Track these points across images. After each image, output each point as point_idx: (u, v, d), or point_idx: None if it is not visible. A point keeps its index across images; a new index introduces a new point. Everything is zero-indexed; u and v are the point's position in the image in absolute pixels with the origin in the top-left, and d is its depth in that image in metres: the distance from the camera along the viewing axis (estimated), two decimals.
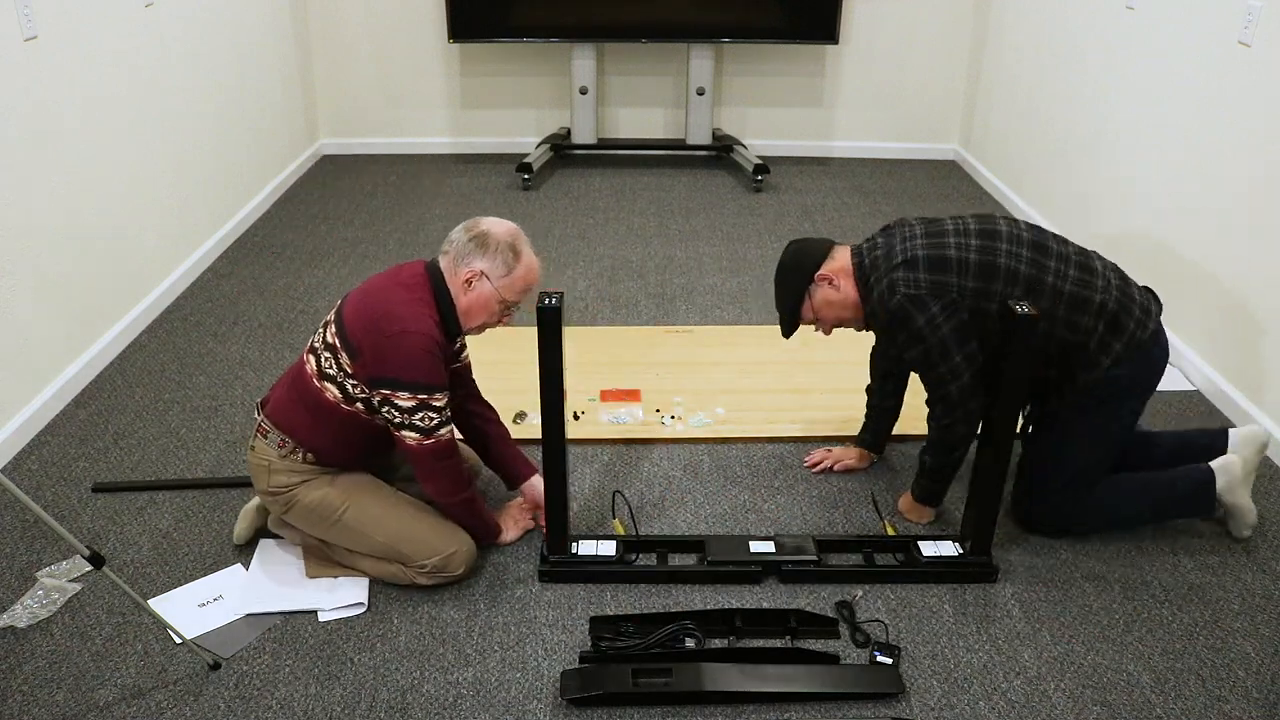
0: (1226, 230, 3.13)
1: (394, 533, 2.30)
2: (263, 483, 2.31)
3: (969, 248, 2.31)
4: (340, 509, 2.29)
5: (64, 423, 3.00)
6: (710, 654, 2.15)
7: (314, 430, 2.27)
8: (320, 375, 2.24)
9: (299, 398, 2.28)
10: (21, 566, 2.42)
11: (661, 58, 5.43)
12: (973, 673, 2.16)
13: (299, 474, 2.29)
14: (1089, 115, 4.09)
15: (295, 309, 3.75)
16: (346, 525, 2.30)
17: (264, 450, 2.30)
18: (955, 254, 2.30)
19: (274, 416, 2.30)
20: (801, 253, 2.47)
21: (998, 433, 2.26)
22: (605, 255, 4.29)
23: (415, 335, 2.14)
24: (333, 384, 2.23)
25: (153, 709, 2.04)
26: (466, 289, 2.22)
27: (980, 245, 2.31)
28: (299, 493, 2.29)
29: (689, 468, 2.85)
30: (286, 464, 2.28)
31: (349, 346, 2.19)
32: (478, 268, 2.21)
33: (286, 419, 2.28)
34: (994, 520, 2.38)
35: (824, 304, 2.46)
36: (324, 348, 2.24)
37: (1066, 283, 2.32)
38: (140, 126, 3.58)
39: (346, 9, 5.26)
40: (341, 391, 2.23)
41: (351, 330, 2.19)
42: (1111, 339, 2.33)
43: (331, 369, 2.22)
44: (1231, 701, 2.10)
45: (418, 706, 2.06)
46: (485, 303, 2.24)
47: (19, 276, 2.89)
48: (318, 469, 2.31)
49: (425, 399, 2.17)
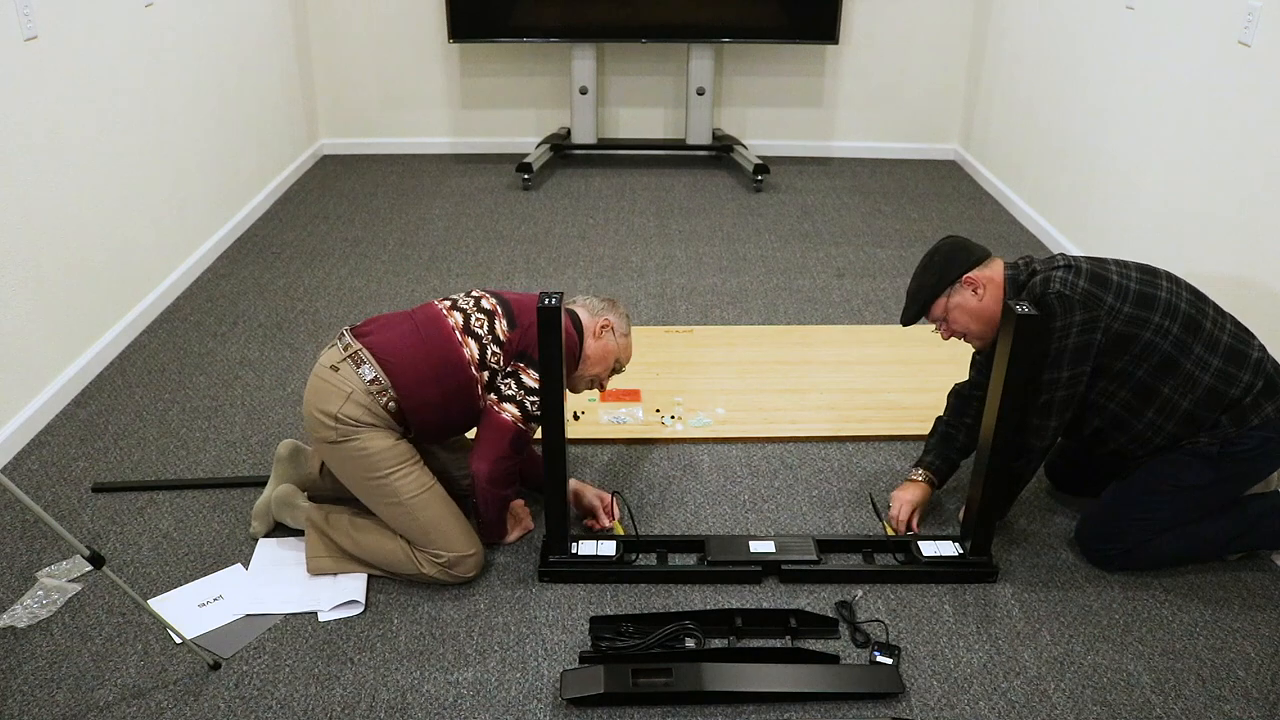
0: (1226, 230, 3.12)
1: (429, 513, 2.29)
2: (333, 405, 2.23)
3: (1130, 277, 2.29)
4: (392, 469, 2.26)
5: (64, 423, 3.00)
6: (710, 654, 2.15)
7: (419, 382, 2.26)
8: (465, 329, 2.31)
9: (424, 343, 2.28)
10: (21, 566, 2.42)
11: (661, 58, 5.43)
12: (973, 673, 2.16)
13: (373, 416, 2.25)
14: (1089, 115, 4.09)
15: (295, 309, 3.75)
16: (389, 486, 2.27)
17: (350, 377, 2.25)
18: (1116, 279, 2.28)
19: (381, 352, 2.27)
20: (957, 248, 2.41)
21: (1000, 434, 2.26)
22: (605, 255, 4.29)
23: (571, 335, 2.36)
24: (475, 343, 2.30)
25: (153, 709, 2.04)
26: (598, 335, 2.44)
27: (1140, 277, 2.30)
28: (363, 434, 2.24)
29: (689, 468, 2.85)
30: (368, 400, 2.24)
31: (510, 316, 2.34)
32: (610, 320, 2.46)
33: (396, 360, 2.26)
34: (994, 520, 2.38)
35: (959, 307, 2.38)
36: (475, 309, 2.35)
37: (1224, 334, 2.30)
38: (140, 126, 3.58)
39: (346, 9, 5.26)
40: (480, 353, 2.30)
41: (515, 305, 2.36)
42: (1266, 400, 2.29)
43: (481, 328, 2.31)
44: (1231, 701, 2.10)
45: (418, 706, 2.06)
46: (608, 354, 2.46)
47: (19, 276, 2.89)
48: (390, 420, 2.28)
49: None
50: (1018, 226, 4.68)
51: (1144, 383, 2.29)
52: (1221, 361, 2.28)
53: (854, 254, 4.34)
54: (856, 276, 4.12)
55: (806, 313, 3.80)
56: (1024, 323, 2.11)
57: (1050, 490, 2.76)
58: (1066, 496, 2.72)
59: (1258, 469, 2.38)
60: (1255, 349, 2.32)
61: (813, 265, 4.22)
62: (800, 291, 3.97)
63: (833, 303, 3.88)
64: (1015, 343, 2.14)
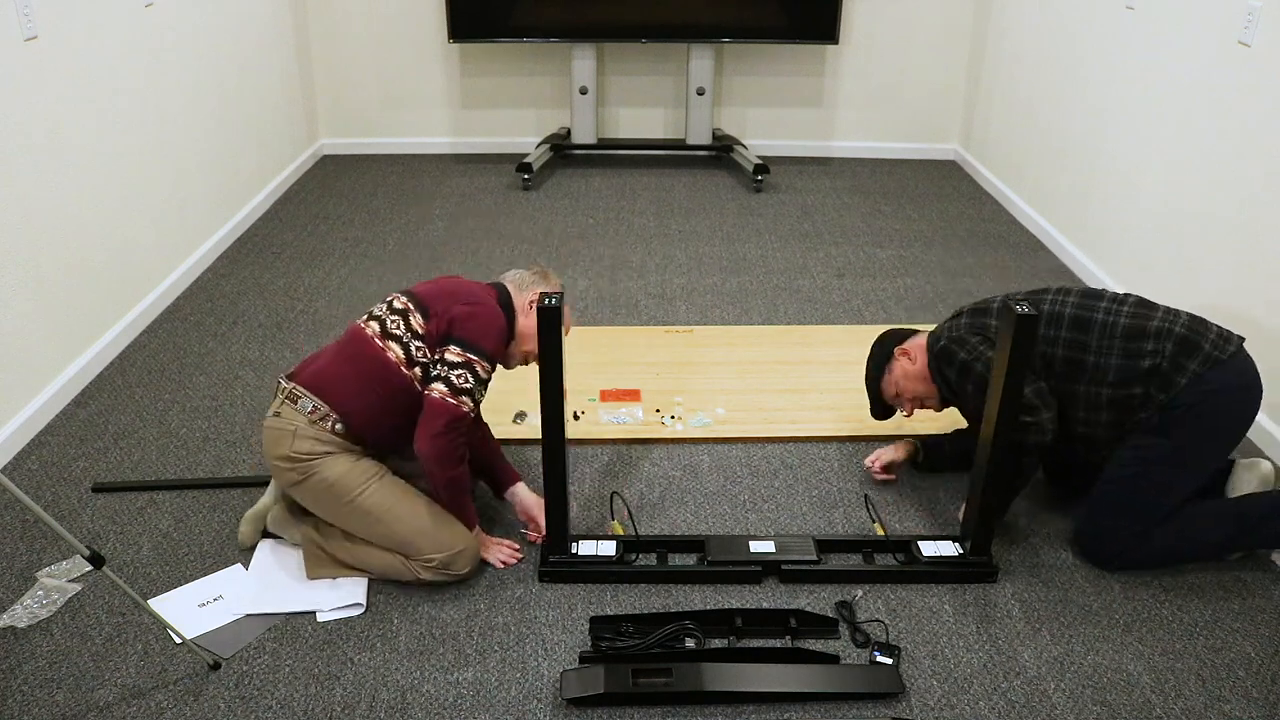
0: (1226, 230, 3.12)
1: (407, 522, 2.30)
2: (284, 447, 2.27)
3: (1012, 298, 2.32)
4: (358, 490, 2.28)
5: (64, 423, 3.00)
6: (710, 654, 2.15)
7: (357, 395, 2.29)
8: (384, 335, 2.33)
9: (350, 361, 2.33)
10: (21, 566, 2.42)
11: (661, 58, 5.43)
12: (973, 673, 2.16)
13: (324, 444, 2.28)
14: (1089, 115, 4.09)
15: (295, 309, 3.75)
16: (361, 508, 2.29)
17: (291, 416, 2.29)
18: (997, 304, 2.49)
19: (312, 382, 2.32)
20: (886, 337, 2.74)
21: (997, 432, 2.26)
22: (605, 255, 4.29)
23: (490, 312, 2.35)
24: (397, 344, 2.32)
25: (153, 709, 2.04)
26: (529, 311, 2.42)
27: (1026, 295, 2.48)
28: (321, 465, 2.27)
29: (689, 468, 2.85)
30: (314, 430, 2.28)
31: (423, 308, 2.35)
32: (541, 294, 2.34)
33: (328, 384, 2.31)
34: (994, 520, 2.38)
35: (902, 376, 2.63)
36: (389, 313, 2.37)
37: (1121, 317, 2.39)
38: (140, 126, 3.58)
39: (346, 9, 5.26)
40: (405, 352, 2.31)
41: (426, 296, 2.37)
42: (1185, 359, 2.31)
43: (398, 329, 2.33)
44: (1231, 701, 2.10)
45: (418, 706, 2.06)
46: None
47: (19, 276, 2.89)
48: (343, 443, 2.30)
49: (473, 360, 2.29)
50: (1018, 226, 4.68)
51: (1060, 390, 2.41)
52: (1123, 341, 2.36)
53: (854, 254, 4.34)
54: (856, 276, 4.12)
55: (806, 313, 3.80)
56: (1024, 323, 2.12)
57: (1050, 490, 2.76)
58: (1066, 496, 2.71)
59: (1213, 423, 2.36)
60: (1156, 318, 2.38)
61: (813, 265, 4.22)
62: (800, 291, 3.97)
63: (833, 303, 3.88)
64: (1015, 343, 2.14)
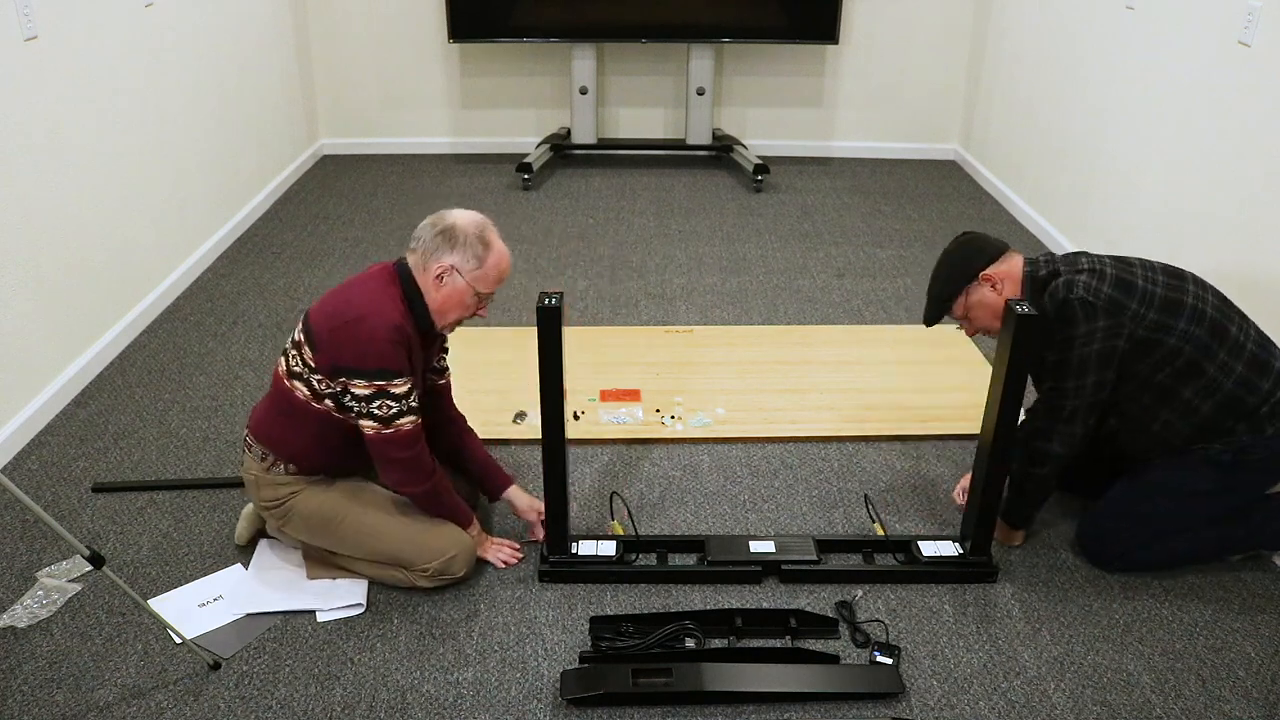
0: (1226, 230, 3.12)
1: (394, 539, 2.29)
2: (256, 494, 2.32)
3: (1156, 281, 2.26)
4: (337, 518, 2.29)
5: (64, 423, 3.00)
6: (710, 654, 2.15)
7: (290, 436, 2.25)
8: (289, 374, 2.22)
9: (274, 402, 2.28)
10: (21, 566, 2.42)
11: (661, 58, 5.43)
12: (973, 673, 2.16)
13: (285, 486, 2.29)
14: (1089, 115, 4.09)
15: (295, 309, 3.75)
16: (345, 534, 2.30)
17: (250, 465, 2.31)
18: (1141, 284, 2.24)
19: (255, 430, 2.30)
20: (972, 246, 2.37)
21: (999, 433, 2.26)
22: (605, 255, 4.29)
23: (372, 321, 2.10)
24: (300, 382, 2.20)
25: (153, 709, 2.04)
26: (439, 285, 2.18)
27: (1167, 282, 2.26)
28: (294, 503, 2.29)
29: (689, 468, 2.85)
30: (270, 477, 2.28)
31: (312, 339, 2.17)
32: (448, 263, 2.16)
33: (265, 430, 2.28)
34: (994, 520, 2.38)
35: (979, 305, 2.35)
36: (292, 346, 2.23)
37: (1249, 341, 2.28)
38: (140, 126, 3.58)
39: (346, 9, 5.26)
40: (309, 389, 2.19)
41: (315, 321, 2.17)
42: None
43: (298, 366, 2.20)
44: (1231, 701, 2.10)
45: (418, 706, 2.06)
46: (459, 298, 2.20)
47: (19, 276, 2.89)
48: (302, 479, 2.29)
49: (383, 385, 2.12)
50: (1018, 226, 4.68)
51: (1165, 386, 2.27)
52: (1245, 369, 2.25)
53: (854, 254, 4.34)
54: (856, 276, 4.12)
55: (806, 313, 3.80)
56: (1024, 323, 2.11)
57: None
58: (1066, 497, 2.71)
59: (1264, 480, 2.37)
60: (1279, 358, 2.31)
61: (813, 265, 4.22)
62: (800, 291, 3.97)
63: (833, 303, 3.88)
64: (1015, 342, 2.14)
